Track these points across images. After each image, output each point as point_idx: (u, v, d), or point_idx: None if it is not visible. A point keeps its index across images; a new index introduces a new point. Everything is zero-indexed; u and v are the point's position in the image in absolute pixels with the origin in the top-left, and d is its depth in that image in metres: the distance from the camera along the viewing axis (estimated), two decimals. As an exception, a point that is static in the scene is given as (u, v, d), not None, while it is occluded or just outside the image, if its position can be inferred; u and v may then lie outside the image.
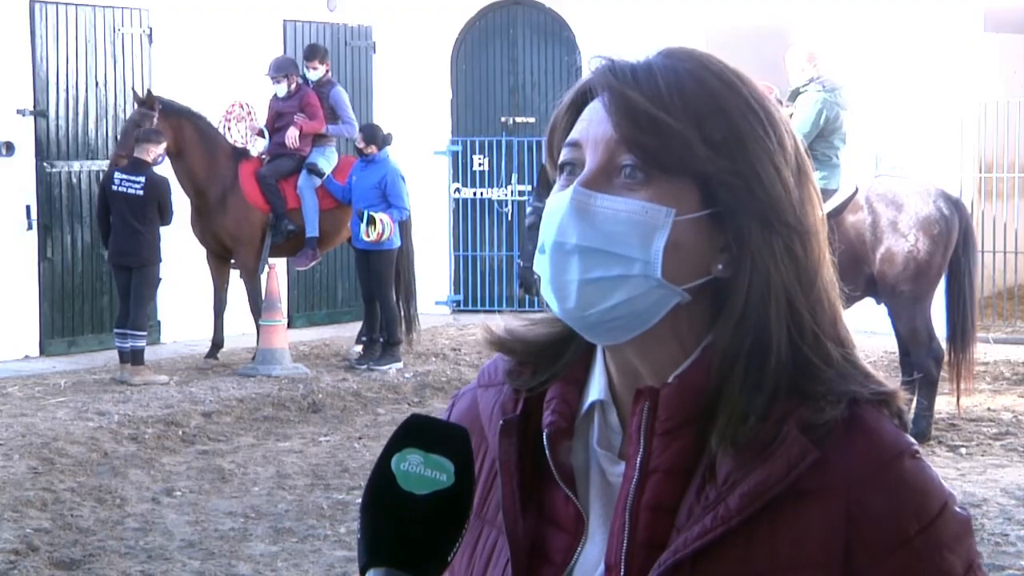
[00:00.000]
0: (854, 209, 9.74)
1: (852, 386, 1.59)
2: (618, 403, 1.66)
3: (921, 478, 1.58)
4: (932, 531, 1.56)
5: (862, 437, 1.57)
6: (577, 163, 1.62)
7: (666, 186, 1.58)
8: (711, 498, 1.56)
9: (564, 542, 1.63)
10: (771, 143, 1.60)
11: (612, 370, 1.66)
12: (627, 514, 1.58)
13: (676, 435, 1.59)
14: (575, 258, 1.58)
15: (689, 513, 1.56)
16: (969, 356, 9.61)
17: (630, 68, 1.61)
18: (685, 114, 1.57)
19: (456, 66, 16.54)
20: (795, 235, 1.60)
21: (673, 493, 1.58)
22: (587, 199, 1.58)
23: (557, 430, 1.65)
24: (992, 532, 7.72)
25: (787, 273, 1.59)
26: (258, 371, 12.33)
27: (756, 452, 1.55)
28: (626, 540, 1.58)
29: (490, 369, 1.77)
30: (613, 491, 1.63)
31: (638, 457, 1.59)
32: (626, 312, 1.58)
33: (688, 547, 1.54)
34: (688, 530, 1.55)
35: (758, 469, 1.55)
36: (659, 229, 1.57)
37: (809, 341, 1.59)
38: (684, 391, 1.59)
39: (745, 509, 1.54)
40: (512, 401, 1.70)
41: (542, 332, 1.71)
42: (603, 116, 1.60)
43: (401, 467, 1.46)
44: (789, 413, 1.56)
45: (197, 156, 12.80)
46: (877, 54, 14.41)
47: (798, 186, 1.61)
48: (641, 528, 1.58)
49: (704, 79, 1.60)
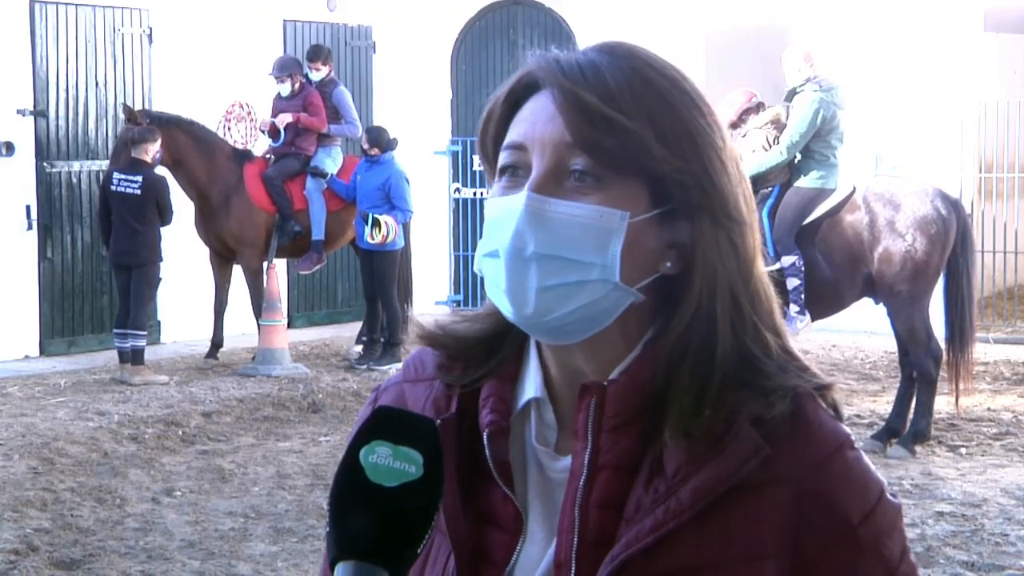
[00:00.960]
0: (851, 209, 9.74)
1: (794, 379, 1.60)
2: (554, 400, 1.65)
3: (861, 468, 1.61)
4: (873, 519, 1.59)
5: (804, 431, 1.59)
6: (521, 166, 1.60)
7: (617, 188, 1.57)
8: (661, 491, 1.56)
9: (504, 541, 1.63)
10: (717, 138, 1.61)
11: (551, 367, 1.65)
12: (576, 511, 1.58)
13: (624, 431, 1.59)
14: (533, 265, 1.57)
15: (637, 506, 1.57)
16: (968, 356, 9.61)
17: (577, 65, 1.59)
18: (638, 113, 1.57)
19: (456, 66, 16.54)
20: (737, 228, 1.61)
21: (621, 488, 1.58)
22: (542, 205, 1.57)
23: (497, 429, 1.64)
24: (992, 532, 7.72)
25: (731, 266, 1.60)
26: (258, 371, 12.33)
27: (707, 446, 1.56)
28: (576, 538, 1.58)
29: (416, 363, 1.76)
30: (552, 487, 1.63)
31: (586, 454, 1.59)
32: (583, 316, 1.59)
33: (641, 541, 1.55)
34: (639, 524, 1.55)
35: (711, 463, 1.55)
36: (615, 233, 1.57)
37: (750, 332, 1.60)
38: (631, 387, 1.60)
39: (698, 503, 1.54)
40: (445, 399, 1.69)
41: (476, 328, 1.70)
42: (551, 115, 1.58)
43: (370, 459, 1.45)
44: (738, 406, 1.57)
45: (195, 162, 12.78)
46: (877, 54, 14.42)
47: (739, 180, 1.63)
48: (591, 526, 1.58)
49: (650, 77, 1.59)
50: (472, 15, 16.41)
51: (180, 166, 12.60)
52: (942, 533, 7.67)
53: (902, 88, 14.31)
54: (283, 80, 13.14)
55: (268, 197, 13.06)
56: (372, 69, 16.19)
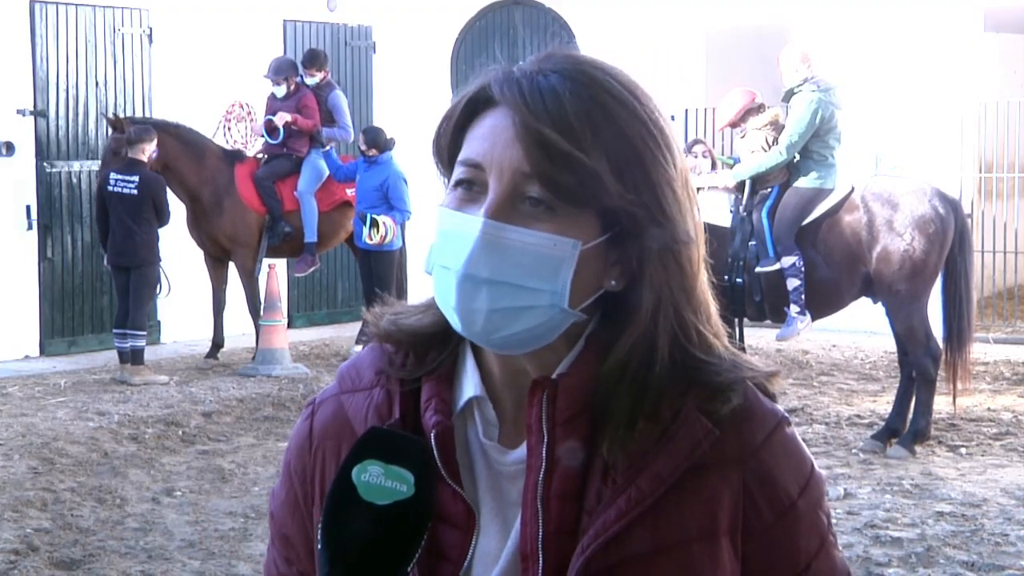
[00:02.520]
0: (850, 208, 9.75)
1: (743, 372, 1.68)
2: (493, 396, 1.69)
3: (796, 444, 1.72)
4: (808, 491, 1.70)
5: (746, 412, 1.67)
6: (477, 182, 1.63)
7: (571, 217, 1.61)
8: (619, 481, 1.62)
9: (457, 538, 1.66)
10: (669, 168, 1.64)
11: (492, 366, 1.69)
12: (539, 503, 1.62)
13: (575, 424, 1.64)
14: (484, 289, 1.61)
15: (598, 497, 1.62)
16: (966, 356, 9.61)
17: (539, 92, 1.61)
18: (595, 148, 1.59)
19: (456, 66, 16.54)
20: (683, 248, 1.65)
21: (577, 480, 1.64)
22: (497, 232, 1.60)
23: (443, 429, 1.67)
24: (992, 532, 7.72)
25: (676, 284, 1.66)
26: (258, 371, 12.33)
27: (657, 436, 1.63)
28: (540, 529, 1.62)
29: (351, 373, 1.78)
30: (502, 480, 1.67)
31: (543, 447, 1.63)
32: (530, 336, 1.63)
33: (608, 530, 1.60)
34: (604, 514, 1.61)
35: (664, 450, 1.63)
36: (566, 261, 1.61)
37: (694, 339, 1.67)
38: (579, 381, 1.65)
39: (657, 489, 1.62)
40: (387, 404, 1.72)
41: (426, 321, 1.73)
42: (509, 140, 1.60)
43: (362, 478, 1.50)
44: (684, 399, 1.64)
45: (183, 164, 12.75)
46: (877, 54, 14.42)
47: (686, 201, 1.66)
48: (553, 516, 1.62)
49: (608, 106, 1.62)
50: (472, 15, 16.40)
51: (168, 170, 12.54)
52: (942, 533, 7.67)
53: (902, 88, 14.31)
54: (279, 83, 13.15)
55: (258, 198, 13.06)
56: (372, 69, 16.19)
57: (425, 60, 16.25)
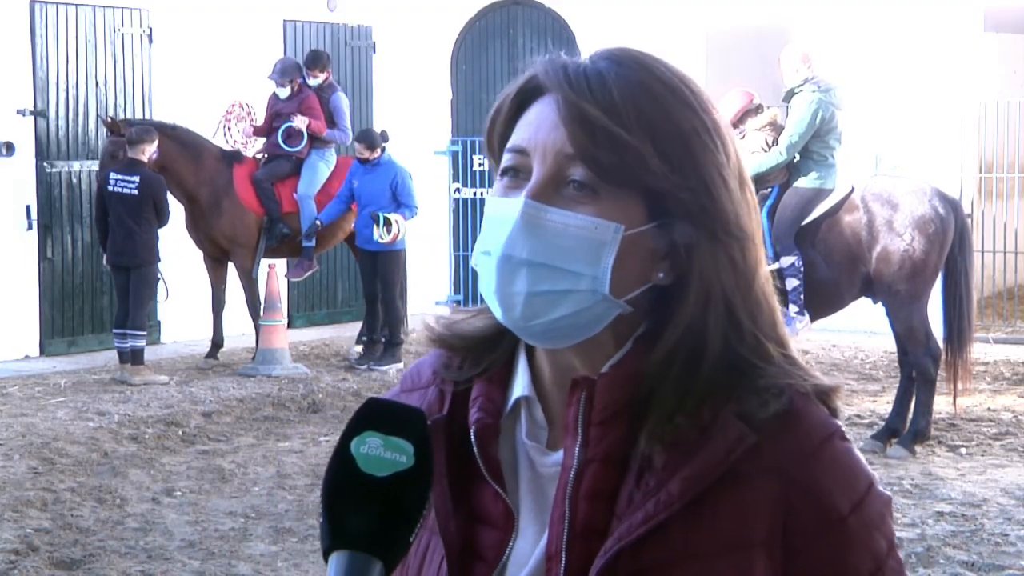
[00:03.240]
0: (850, 209, 9.75)
1: (792, 379, 1.62)
2: (543, 398, 1.68)
3: (850, 459, 1.62)
4: (862, 510, 1.60)
5: (794, 421, 1.60)
6: (522, 169, 1.62)
7: (614, 200, 1.58)
8: (651, 484, 1.58)
9: (495, 539, 1.65)
10: (720, 155, 1.61)
11: (543, 365, 1.68)
12: (567, 503, 1.60)
13: (612, 424, 1.61)
14: (523, 271, 1.59)
15: (629, 500, 1.58)
16: (966, 356, 9.62)
17: (584, 75, 1.60)
18: (640, 128, 1.57)
19: (456, 66, 16.54)
20: (736, 243, 1.61)
21: (611, 481, 1.60)
22: (537, 212, 1.58)
23: (484, 427, 1.66)
24: (992, 532, 7.72)
25: (728, 280, 1.61)
26: (258, 371, 12.33)
27: (695, 438, 1.58)
28: (566, 529, 1.60)
29: (412, 374, 1.79)
30: (544, 483, 1.65)
31: (576, 447, 1.61)
32: (571, 323, 1.60)
33: (632, 533, 1.56)
34: (631, 516, 1.57)
35: (698, 454, 1.57)
36: (608, 246, 1.58)
37: (748, 343, 1.61)
38: (619, 380, 1.61)
39: (686, 493, 1.56)
40: (438, 402, 1.71)
41: (480, 325, 1.72)
42: (554, 123, 1.60)
43: (361, 450, 1.47)
44: (725, 403, 1.59)
45: (181, 165, 12.74)
46: (877, 54, 14.42)
47: (740, 194, 1.63)
48: (580, 516, 1.60)
49: (655, 91, 1.60)
50: (472, 15, 16.41)
51: (166, 171, 12.51)
52: (942, 533, 7.67)
53: (902, 88, 14.32)
54: (283, 85, 13.15)
55: (257, 199, 13.05)
56: (372, 69, 16.18)
57: (425, 60, 16.25)
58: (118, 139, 12.17)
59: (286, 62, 13.45)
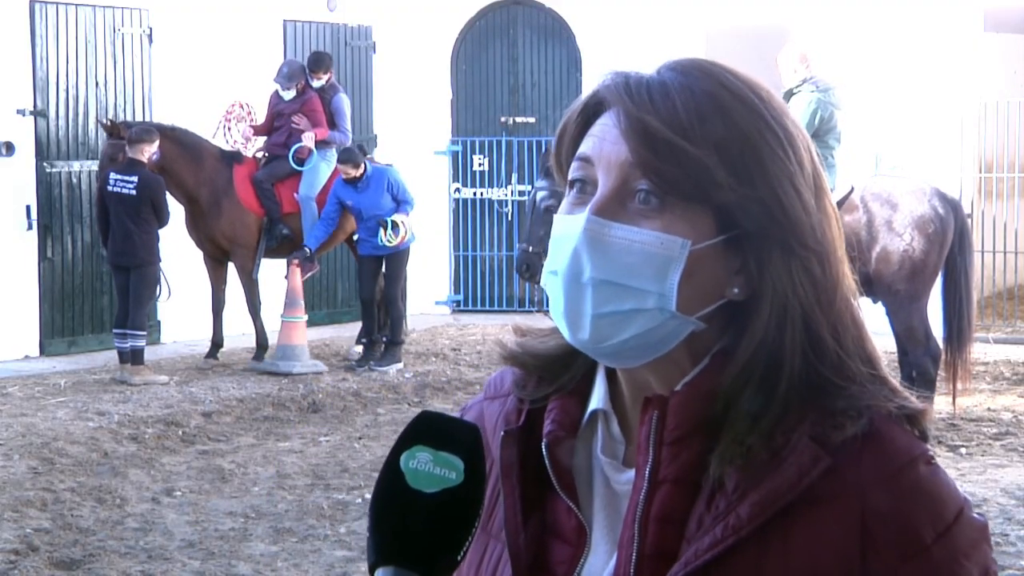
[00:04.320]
0: (849, 209, 9.75)
1: (874, 400, 1.55)
2: (621, 413, 1.64)
3: (936, 484, 1.55)
4: (949, 538, 1.53)
5: (875, 443, 1.54)
6: (588, 180, 1.58)
7: (681, 212, 1.54)
8: (721, 508, 1.53)
9: (566, 554, 1.61)
10: (791, 164, 1.56)
11: (621, 380, 1.64)
12: (636, 526, 1.56)
13: (685, 444, 1.56)
14: (589, 291, 1.55)
15: (699, 523, 1.54)
16: (966, 356, 9.62)
17: (646, 87, 1.57)
18: (704, 139, 1.53)
19: (456, 66, 16.54)
20: (814, 256, 1.56)
21: (682, 503, 1.56)
22: (601, 228, 1.55)
23: (556, 439, 1.63)
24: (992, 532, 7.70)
25: (805, 295, 1.56)
26: (278, 367, 12.36)
27: (767, 461, 1.53)
28: (635, 552, 1.56)
29: (496, 381, 1.76)
30: (619, 500, 1.61)
31: (647, 467, 1.57)
32: (640, 343, 1.56)
33: (699, 559, 1.52)
34: (699, 541, 1.52)
35: (769, 477, 1.52)
36: (674, 261, 1.53)
37: (830, 362, 1.56)
38: (692, 399, 1.57)
39: (756, 518, 1.51)
40: (516, 412, 1.68)
41: (553, 345, 1.68)
42: (616, 136, 1.56)
43: (410, 465, 1.44)
44: (799, 425, 1.54)
45: (180, 166, 12.72)
46: (877, 54, 14.42)
47: (816, 205, 1.58)
48: (650, 540, 1.55)
49: (722, 99, 1.56)
50: (472, 15, 16.40)
51: (166, 172, 12.49)
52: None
53: (902, 88, 14.31)
54: (288, 88, 13.15)
55: (257, 200, 13.05)
56: (372, 69, 16.18)
57: (425, 60, 16.25)
58: (117, 141, 12.17)
59: (292, 65, 13.42)
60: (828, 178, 8.77)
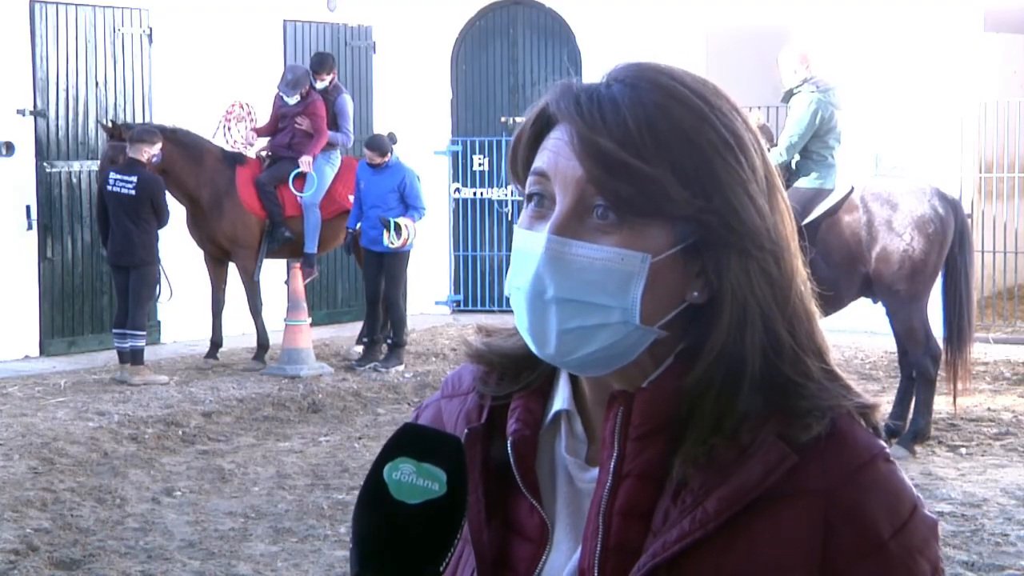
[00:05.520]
0: (849, 208, 9.75)
1: (834, 399, 1.59)
2: (584, 413, 1.66)
3: (894, 481, 1.59)
4: (905, 534, 1.57)
5: (837, 443, 1.57)
6: (546, 195, 1.59)
7: (639, 226, 1.55)
8: (688, 502, 1.55)
9: (528, 551, 1.63)
10: (744, 171, 1.57)
11: (583, 381, 1.65)
12: (600, 518, 1.58)
13: (649, 440, 1.58)
14: (552, 308, 1.57)
15: (665, 517, 1.56)
16: (966, 356, 9.62)
17: (596, 104, 1.57)
18: (657, 156, 1.54)
19: (456, 66, 16.54)
20: (770, 256, 1.58)
21: (646, 498, 1.58)
22: (561, 247, 1.56)
23: (521, 438, 1.65)
24: (992, 532, 7.72)
25: (763, 295, 1.58)
26: (285, 371, 12.35)
27: (734, 457, 1.55)
28: (599, 544, 1.57)
29: (454, 380, 1.77)
30: (581, 498, 1.63)
31: (611, 462, 1.59)
32: (606, 355, 1.58)
33: (667, 551, 1.54)
34: (666, 533, 1.55)
35: (736, 473, 1.54)
36: (635, 276, 1.55)
37: (788, 359, 1.58)
38: (657, 397, 1.59)
39: (723, 512, 1.54)
40: (477, 410, 1.70)
41: (518, 343, 1.69)
42: (570, 154, 1.56)
43: (393, 476, 1.46)
44: (766, 423, 1.56)
45: (181, 167, 12.70)
46: (877, 54, 14.42)
47: (770, 206, 1.59)
48: (614, 532, 1.57)
49: (672, 113, 1.56)
50: (472, 15, 16.41)
51: (166, 174, 12.50)
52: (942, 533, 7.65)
53: (902, 88, 14.32)
54: (292, 95, 13.14)
55: (259, 202, 13.05)
56: (372, 69, 16.18)
57: (425, 60, 16.25)
58: (118, 143, 12.17)
59: (296, 72, 13.34)
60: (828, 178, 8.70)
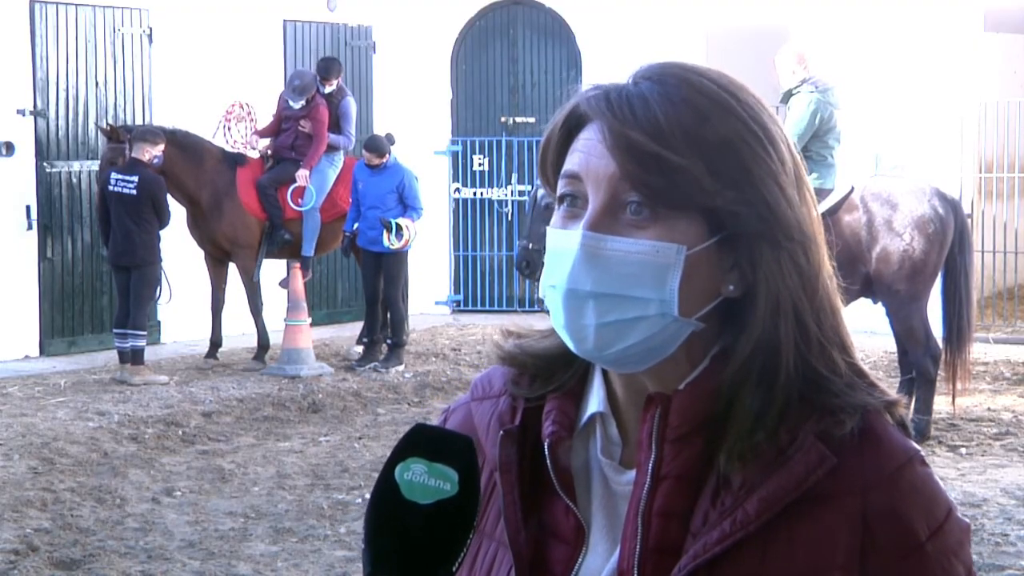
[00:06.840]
0: (849, 208, 9.75)
1: (863, 396, 1.61)
2: (618, 415, 1.66)
3: (929, 484, 1.61)
4: (941, 536, 1.59)
5: (874, 444, 1.59)
6: (578, 195, 1.60)
7: (673, 220, 1.57)
8: (728, 504, 1.57)
9: (564, 553, 1.63)
10: (773, 163, 1.60)
11: (616, 384, 1.66)
12: (639, 519, 1.59)
13: (687, 441, 1.59)
14: (590, 303, 1.58)
15: (705, 518, 1.57)
16: (965, 356, 9.62)
17: (626, 100, 1.59)
18: (688, 148, 1.56)
19: (456, 66, 16.54)
20: (799, 247, 1.60)
21: (684, 499, 1.59)
22: (597, 243, 1.57)
23: (558, 440, 1.65)
24: (992, 532, 7.72)
25: (794, 286, 1.60)
26: (285, 371, 12.34)
27: (773, 458, 1.57)
28: (639, 545, 1.58)
29: (483, 382, 1.77)
30: (617, 501, 1.64)
31: (650, 463, 1.60)
32: (644, 348, 1.59)
33: (707, 552, 1.55)
34: (706, 535, 1.56)
35: (776, 474, 1.56)
36: (672, 267, 1.57)
37: (815, 351, 1.61)
38: (695, 398, 1.60)
39: (763, 514, 1.55)
40: (510, 412, 1.70)
41: (551, 345, 1.70)
42: (602, 151, 1.58)
43: (405, 476, 1.46)
44: (802, 422, 1.58)
45: (181, 168, 12.69)
46: (877, 54, 14.42)
47: (799, 197, 1.62)
48: (653, 533, 1.58)
49: (701, 107, 1.58)
50: (472, 15, 16.41)
51: (166, 175, 12.48)
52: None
53: (902, 88, 14.31)
54: (298, 101, 13.13)
55: (259, 204, 13.04)
56: (372, 69, 16.19)
57: (425, 60, 16.25)
58: (117, 145, 12.17)
59: (304, 78, 13.29)
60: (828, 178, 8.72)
